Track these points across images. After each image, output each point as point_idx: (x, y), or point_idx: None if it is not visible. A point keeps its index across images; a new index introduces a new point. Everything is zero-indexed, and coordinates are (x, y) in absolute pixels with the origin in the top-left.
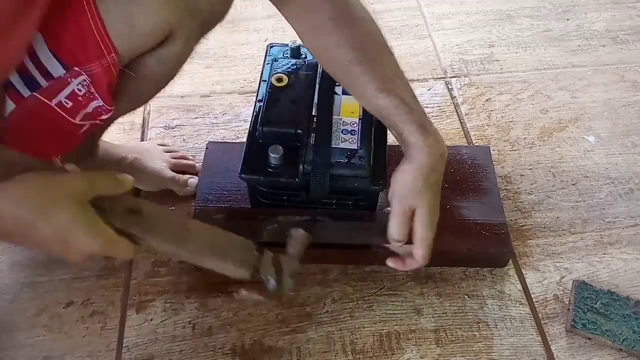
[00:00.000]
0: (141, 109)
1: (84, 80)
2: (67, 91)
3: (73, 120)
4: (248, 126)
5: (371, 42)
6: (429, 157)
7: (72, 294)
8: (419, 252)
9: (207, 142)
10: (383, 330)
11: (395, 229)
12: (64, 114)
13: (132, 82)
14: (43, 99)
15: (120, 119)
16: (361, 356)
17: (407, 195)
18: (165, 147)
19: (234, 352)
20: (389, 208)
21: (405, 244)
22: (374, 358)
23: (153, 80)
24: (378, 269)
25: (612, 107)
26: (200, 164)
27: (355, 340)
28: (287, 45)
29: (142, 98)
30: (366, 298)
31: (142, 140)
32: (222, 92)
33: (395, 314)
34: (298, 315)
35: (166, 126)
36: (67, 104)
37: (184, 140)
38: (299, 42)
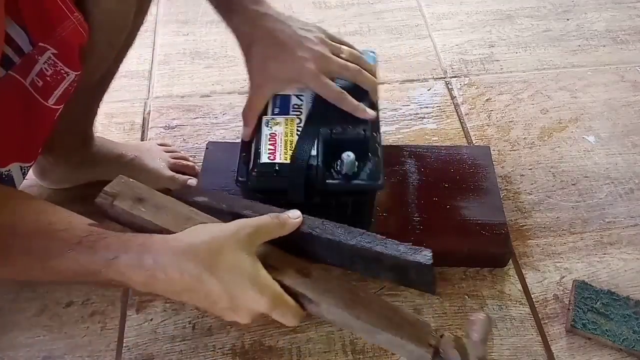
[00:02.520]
0: (141, 109)
1: (49, 58)
2: (36, 69)
3: (46, 103)
4: None
5: None
6: (258, 18)
7: (72, 294)
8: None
9: (207, 142)
10: None
11: (325, 90)
12: (38, 96)
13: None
14: (18, 77)
15: (120, 119)
16: (361, 356)
17: (294, 56)
18: (166, 146)
19: (234, 352)
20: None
21: None
22: (374, 358)
23: (107, 23)
24: None
25: (612, 107)
26: (200, 164)
27: (355, 340)
28: None
29: (103, 53)
30: None
31: (142, 140)
32: (222, 92)
33: None
34: None
35: (166, 126)
36: (39, 82)
37: (184, 140)
38: None
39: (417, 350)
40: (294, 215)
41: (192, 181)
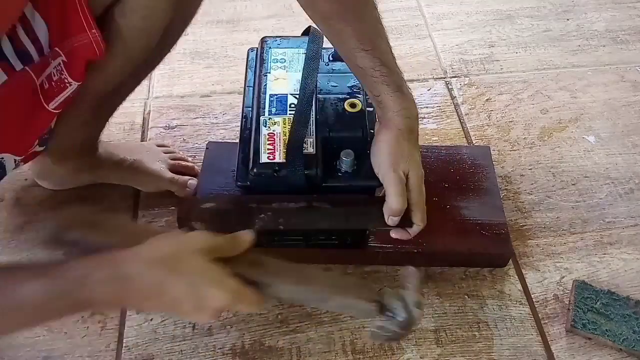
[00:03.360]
0: (141, 109)
1: (59, 64)
2: (47, 71)
3: (46, 107)
4: None
5: None
6: (407, 120)
7: None
8: (419, 215)
9: (207, 142)
10: None
11: (396, 198)
12: (42, 98)
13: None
14: (32, 74)
15: (120, 119)
16: (361, 356)
17: (399, 161)
18: (165, 148)
19: (234, 352)
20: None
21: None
22: (374, 358)
23: (129, 39)
24: (378, 269)
25: (612, 107)
26: (200, 164)
27: (355, 340)
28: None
29: (118, 66)
30: None
31: (142, 140)
32: (222, 92)
33: None
34: (298, 315)
35: (166, 126)
36: (46, 84)
37: (184, 140)
38: None
39: (365, 307)
40: (246, 239)
41: (192, 182)
